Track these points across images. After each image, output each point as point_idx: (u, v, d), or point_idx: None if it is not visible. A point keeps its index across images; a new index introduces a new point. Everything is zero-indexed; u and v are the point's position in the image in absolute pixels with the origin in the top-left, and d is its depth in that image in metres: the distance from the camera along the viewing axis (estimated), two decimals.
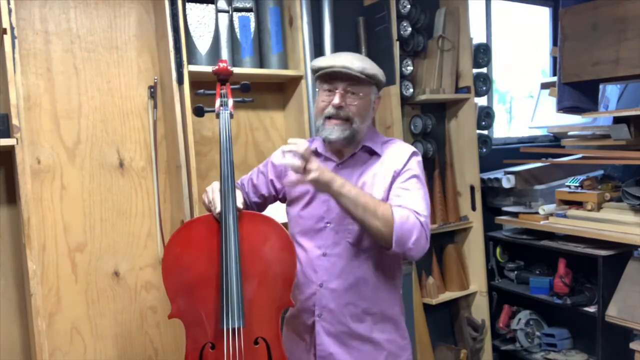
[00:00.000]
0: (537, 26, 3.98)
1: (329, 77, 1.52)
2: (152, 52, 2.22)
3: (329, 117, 1.53)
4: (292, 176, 1.41)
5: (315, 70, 1.56)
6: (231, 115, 1.62)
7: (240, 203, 1.54)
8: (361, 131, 1.56)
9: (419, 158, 1.59)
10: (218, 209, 1.50)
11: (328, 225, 1.57)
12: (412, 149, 1.60)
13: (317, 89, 1.61)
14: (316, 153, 1.63)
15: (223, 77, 1.70)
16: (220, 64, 1.68)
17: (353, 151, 1.59)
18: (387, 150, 1.60)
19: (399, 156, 1.57)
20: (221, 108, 1.62)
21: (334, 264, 1.56)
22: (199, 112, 1.67)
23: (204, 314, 1.50)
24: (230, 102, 1.64)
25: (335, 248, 1.56)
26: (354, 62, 1.49)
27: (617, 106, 3.00)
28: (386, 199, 1.52)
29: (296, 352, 1.65)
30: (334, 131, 1.53)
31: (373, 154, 1.59)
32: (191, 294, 1.51)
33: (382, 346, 1.59)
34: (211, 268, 1.50)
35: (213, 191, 1.56)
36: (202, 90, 1.70)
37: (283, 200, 1.75)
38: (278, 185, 1.72)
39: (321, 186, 1.40)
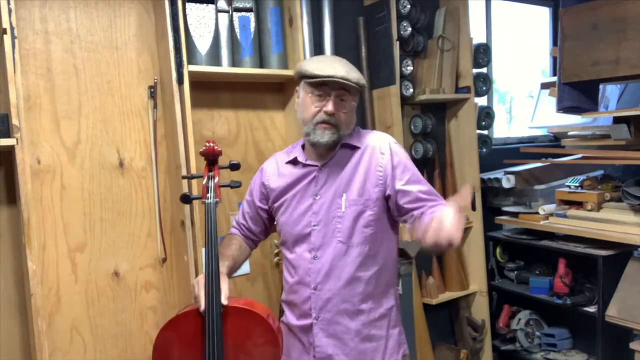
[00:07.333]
0: (537, 26, 3.98)
1: (322, 84, 1.53)
2: (152, 52, 2.22)
3: (319, 122, 1.55)
4: None
5: (306, 76, 1.55)
6: (217, 204, 1.54)
7: (224, 298, 1.48)
8: (345, 136, 1.60)
9: (398, 145, 1.63)
10: (202, 307, 1.47)
11: (315, 227, 1.58)
12: (388, 138, 1.63)
13: (300, 93, 1.61)
14: (295, 161, 1.65)
15: (211, 159, 1.61)
16: (207, 143, 1.58)
17: (334, 152, 1.61)
18: (365, 142, 1.62)
19: (378, 148, 1.59)
20: (207, 195, 1.54)
21: (325, 266, 1.56)
22: (186, 200, 1.65)
23: None
24: (217, 190, 1.55)
25: (325, 249, 1.57)
26: (350, 73, 1.52)
27: (617, 106, 3.00)
28: (379, 197, 1.55)
29: (295, 355, 1.66)
30: (325, 135, 1.55)
31: (352, 147, 1.61)
32: None
33: (380, 342, 1.60)
34: None
35: (199, 287, 1.52)
36: (189, 175, 1.65)
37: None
38: (265, 206, 1.73)
39: None
